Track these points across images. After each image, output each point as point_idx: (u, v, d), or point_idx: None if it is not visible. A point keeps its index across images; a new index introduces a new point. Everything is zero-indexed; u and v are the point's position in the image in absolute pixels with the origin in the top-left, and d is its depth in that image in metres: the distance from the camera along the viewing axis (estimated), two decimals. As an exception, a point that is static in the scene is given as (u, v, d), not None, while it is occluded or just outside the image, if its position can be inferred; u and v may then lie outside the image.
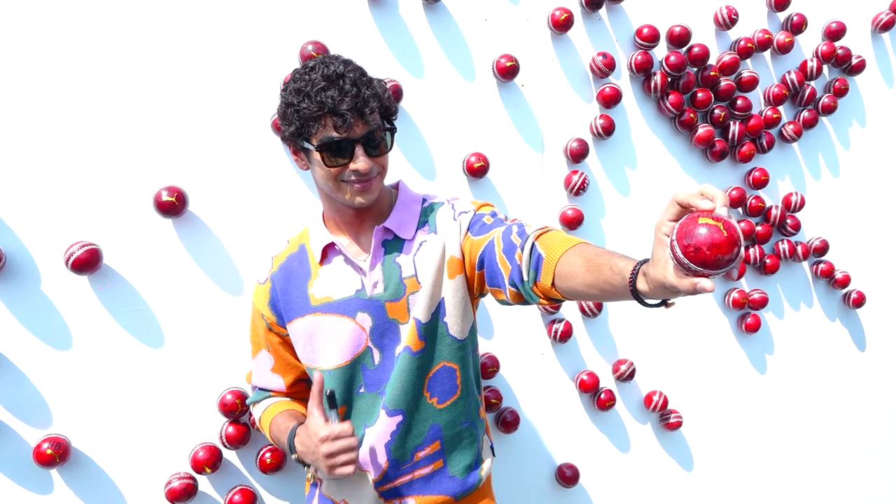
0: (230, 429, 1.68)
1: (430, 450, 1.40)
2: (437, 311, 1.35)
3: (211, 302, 1.70)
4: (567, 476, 2.10)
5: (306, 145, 1.24)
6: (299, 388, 1.49)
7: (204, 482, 1.73)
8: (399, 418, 1.36)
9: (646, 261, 0.92)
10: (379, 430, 1.36)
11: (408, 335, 1.33)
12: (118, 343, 1.64)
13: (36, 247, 1.57)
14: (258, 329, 1.46)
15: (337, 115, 1.18)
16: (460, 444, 1.43)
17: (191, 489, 1.65)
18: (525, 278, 1.15)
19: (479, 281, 1.33)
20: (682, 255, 0.79)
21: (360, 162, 1.22)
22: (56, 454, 1.54)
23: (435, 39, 1.87)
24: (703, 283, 0.79)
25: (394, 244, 1.35)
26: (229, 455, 1.75)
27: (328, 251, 1.36)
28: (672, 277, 0.82)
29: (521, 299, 1.20)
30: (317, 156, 1.23)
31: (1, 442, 1.57)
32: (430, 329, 1.34)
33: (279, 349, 1.45)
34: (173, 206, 1.59)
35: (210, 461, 1.66)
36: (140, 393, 1.66)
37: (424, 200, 1.42)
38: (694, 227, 0.78)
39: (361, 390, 1.37)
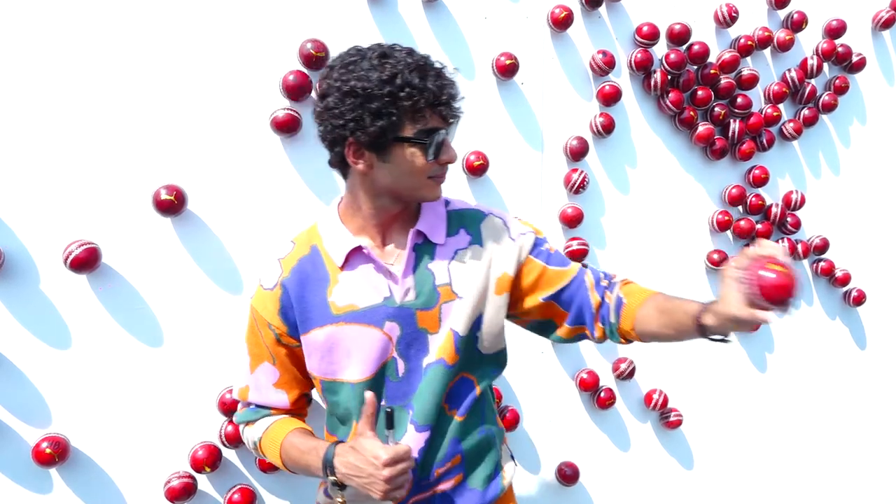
0: (230, 428, 1.68)
1: (451, 464, 1.33)
2: (476, 325, 1.30)
3: (210, 301, 1.70)
4: (567, 475, 2.10)
5: (399, 138, 1.14)
6: (301, 403, 1.39)
7: (203, 481, 1.72)
8: (427, 434, 1.28)
9: (710, 303, 1.12)
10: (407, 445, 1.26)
11: (442, 347, 1.27)
12: (117, 342, 1.63)
13: (35, 246, 1.56)
14: (262, 340, 1.32)
15: (444, 104, 1.14)
16: (479, 456, 1.37)
17: (190, 488, 1.65)
18: (612, 319, 1.29)
19: (538, 310, 1.34)
20: (757, 293, 1.00)
21: (453, 152, 1.20)
22: (55, 453, 1.53)
23: (434, 37, 1.87)
24: (768, 315, 0.99)
25: (425, 249, 1.28)
26: (229, 454, 1.74)
27: (353, 255, 1.25)
28: (742, 311, 1.01)
29: (602, 337, 1.33)
30: (410, 150, 1.15)
31: (0, 441, 1.57)
32: (467, 342, 1.29)
33: (286, 362, 1.32)
34: (172, 204, 1.59)
35: (209, 460, 1.66)
36: (139, 392, 1.66)
37: (447, 203, 1.36)
38: (767, 272, 1.01)
39: (383, 403, 1.27)
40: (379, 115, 1.10)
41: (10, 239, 1.54)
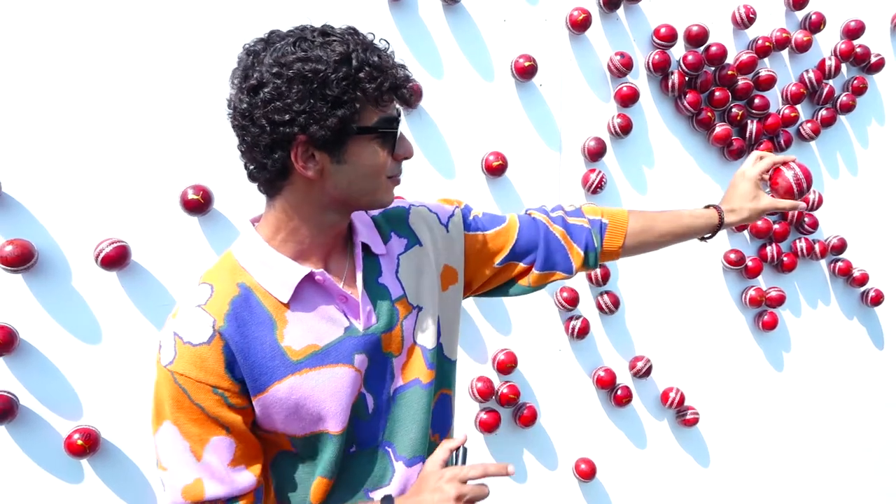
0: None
1: None
2: (438, 332, 1.14)
3: (235, 298, 1.73)
4: (584, 471, 2.12)
5: (362, 129, 0.94)
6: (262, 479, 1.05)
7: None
8: (419, 465, 1.11)
9: (713, 206, 1.33)
10: (395, 489, 1.09)
11: (410, 368, 1.10)
12: (146, 337, 1.68)
13: (67, 244, 1.61)
14: (203, 412, 0.96)
15: (404, 86, 0.96)
16: None
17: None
18: (595, 244, 1.27)
19: (496, 276, 1.22)
20: (792, 183, 1.32)
21: (410, 145, 1.02)
22: (86, 445, 1.58)
23: (454, 40, 1.90)
24: (796, 203, 1.33)
25: (370, 263, 1.08)
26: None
27: (301, 287, 1.00)
28: (778, 203, 1.32)
29: (580, 268, 1.28)
30: (370, 145, 0.95)
31: (34, 433, 1.61)
32: (436, 354, 1.13)
33: (242, 428, 0.99)
34: (199, 204, 1.63)
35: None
36: (167, 386, 1.70)
37: None
38: (790, 170, 1.33)
39: (353, 449, 1.07)
40: (339, 102, 0.90)
41: (44, 237, 1.59)
